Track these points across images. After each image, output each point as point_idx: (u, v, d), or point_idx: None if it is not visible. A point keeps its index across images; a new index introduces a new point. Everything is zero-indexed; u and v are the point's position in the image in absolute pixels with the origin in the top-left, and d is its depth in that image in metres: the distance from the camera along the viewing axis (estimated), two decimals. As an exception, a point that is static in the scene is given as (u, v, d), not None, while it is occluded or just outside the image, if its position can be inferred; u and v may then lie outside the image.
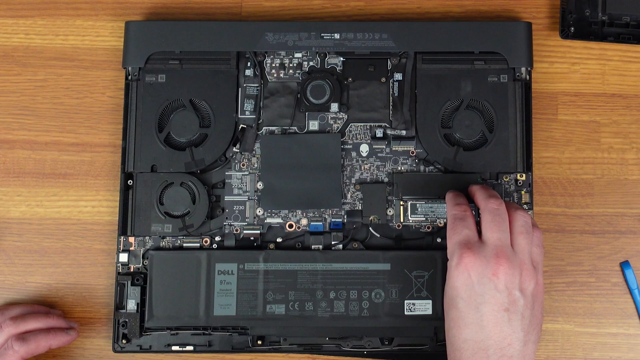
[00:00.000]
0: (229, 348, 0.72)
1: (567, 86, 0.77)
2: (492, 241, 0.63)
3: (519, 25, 0.74)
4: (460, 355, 0.62)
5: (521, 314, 0.62)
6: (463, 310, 0.62)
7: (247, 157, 0.74)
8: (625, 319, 0.74)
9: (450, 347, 0.64)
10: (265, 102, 0.75)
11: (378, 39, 0.74)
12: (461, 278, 0.62)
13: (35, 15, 0.79)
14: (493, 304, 0.62)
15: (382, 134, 0.74)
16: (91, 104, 0.77)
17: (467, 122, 0.74)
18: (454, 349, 0.63)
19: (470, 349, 0.62)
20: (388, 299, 0.70)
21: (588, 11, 0.76)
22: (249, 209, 0.73)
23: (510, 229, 0.64)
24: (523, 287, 0.62)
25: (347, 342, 0.71)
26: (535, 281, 0.63)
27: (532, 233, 0.64)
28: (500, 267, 0.62)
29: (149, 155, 0.73)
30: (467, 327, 0.62)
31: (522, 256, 0.63)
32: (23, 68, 0.78)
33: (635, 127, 0.76)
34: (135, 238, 0.72)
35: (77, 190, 0.76)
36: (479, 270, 0.62)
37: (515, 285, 0.62)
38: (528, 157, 0.73)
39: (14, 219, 0.76)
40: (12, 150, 0.77)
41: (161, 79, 0.75)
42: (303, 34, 0.75)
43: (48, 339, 0.70)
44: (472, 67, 0.74)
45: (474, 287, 0.62)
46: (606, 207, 0.75)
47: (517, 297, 0.62)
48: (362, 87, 0.75)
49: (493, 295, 0.62)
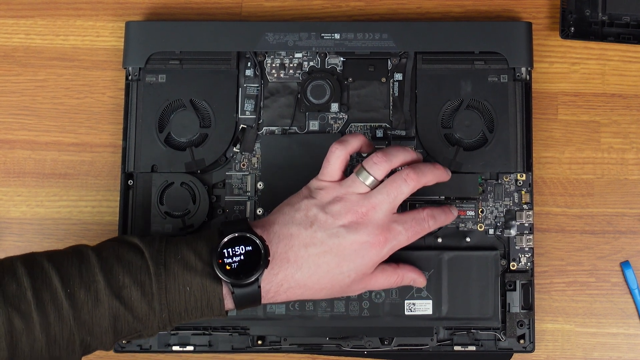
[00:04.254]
0: (229, 348, 0.72)
1: (567, 86, 0.77)
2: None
3: (519, 25, 0.74)
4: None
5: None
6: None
7: (247, 157, 0.74)
8: (625, 319, 0.74)
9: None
10: (265, 102, 0.75)
11: (378, 39, 0.74)
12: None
13: (35, 15, 0.79)
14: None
15: (382, 134, 0.74)
16: (91, 104, 0.77)
17: (467, 122, 0.74)
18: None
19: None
20: (388, 299, 0.70)
21: (588, 11, 0.76)
22: (249, 209, 0.73)
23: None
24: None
25: (347, 342, 0.71)
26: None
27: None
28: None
29: (149, 155, 0.73)
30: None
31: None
32: (23, 68, 0.78)
33: (635, 127, 0.76)
34: (136, 238, 0.72)
35: (77, 190, 0.76)
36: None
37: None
38: (528, 157, 0.73)
39: (14, 219, 0.76)
40: (12, 150, 0.77)
41: (161, 79, 0.75)
42: (303, 34, 0.75)
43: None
44: (472, 67, 0.74)
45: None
46: (606, 207, 0.75)
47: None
48: (362, 87, 0.75)
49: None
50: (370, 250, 0.63)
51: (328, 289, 0.64)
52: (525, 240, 0.72)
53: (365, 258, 0.64)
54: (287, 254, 0.63)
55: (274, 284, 0.63)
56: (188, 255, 0.62)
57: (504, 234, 0.72)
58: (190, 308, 0.61)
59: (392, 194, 0.64)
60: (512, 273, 0.72)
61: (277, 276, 0.63)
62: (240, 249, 0.62)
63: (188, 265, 0.61)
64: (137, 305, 0.60)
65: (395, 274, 0.67)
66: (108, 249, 0.62)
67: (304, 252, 0.63)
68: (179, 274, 0.61)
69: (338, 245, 0.63)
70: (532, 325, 0.71)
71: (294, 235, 0.63)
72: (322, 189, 0.65)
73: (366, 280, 0.65)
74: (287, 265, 0.63)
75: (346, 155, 0.66)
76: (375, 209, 0.64)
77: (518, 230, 0.72)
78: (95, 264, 0.61)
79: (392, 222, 0.64)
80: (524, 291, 0.71)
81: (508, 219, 0.72)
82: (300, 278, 0.63)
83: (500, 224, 0.72)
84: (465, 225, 0.72)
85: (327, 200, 0.64)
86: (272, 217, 0.65)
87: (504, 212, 0.73)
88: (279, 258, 0.63)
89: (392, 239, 0.64)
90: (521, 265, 0.72)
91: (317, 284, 0.64)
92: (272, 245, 0.63)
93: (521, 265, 0.72)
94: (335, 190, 0.65)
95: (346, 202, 0.64)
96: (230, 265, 0.61)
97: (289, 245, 0.63)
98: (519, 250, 0.72)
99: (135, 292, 0.60)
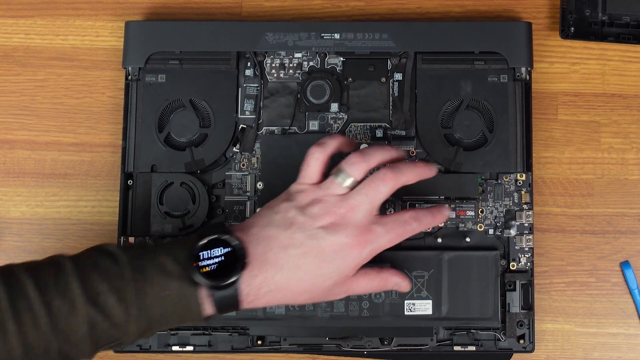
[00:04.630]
0: (229, 348, 0.72)
1: (567, 86, 0.77)
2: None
3: (519, 25, 0.74)
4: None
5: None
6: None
7: (247, 157, 0.74)
8: (625, 319, 0.74)
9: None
10: (265, 102, 0.75)
11: (378, 39, 0.74)
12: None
13: (35, 15, 0.79)
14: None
15: (382, 134, 0.74)
16: (91, 104, 0.77)
17: (467, 122, 0.74)
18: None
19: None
20: (388, 299, 0.70)
21: (588, 11, 0.76)
22: (249, 209, 0.73)
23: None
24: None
25: (347, 342, 0.71)
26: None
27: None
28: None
29: (149, 155, 0.73)
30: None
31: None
32: (23, 68, 0.78)
33: (635, 127, 0.76)
34: (135, 238, 0.72)
35: (77, 190, 0.76)
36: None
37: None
38: (528, 157, 0.73)
39: (14, 219, 0.76)
40: (12, 150, 0.77)
41: (161, 79, 0.75)
42: (303, 34, 0.75)
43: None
44: (472, 67, 0.74)
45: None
46: (606, 207, 0.75)
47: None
48: (362, 87, 0.75)
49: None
50: (350, 251, 0.62)
51: (309, 293, 0.63)
52: (525, 240, 0.72)
53: (346, 260, 0.62)
54: (266, 255, 0.61)
55: (253, 287, 0.61)
56: (165, 260, 0.61)
57: (504, 234, 0.72)
58: (168, 313, 0.60)
59: (370, 194, 0.63)
60: (512, 273, 0.72)
61: (257, 278, 0.61)
62: (219, 251, 0.61)
63: (165, 270, 0.60)
64: (114, 312, 0.59)
65: (378, 278, 0.65)
66: (85, 258, 0.61)
67: (284, 254, 0.61)
68: (155, 279, 0.60)
69: (317, 247, 0.62)
70: (532, 325, 0.71)
71: (272, 237, 0.62)
72: (301, 191, 0.64)
73: (348, 284, 0.64)
74: (267, 267, 0.61)
75: (325, 157, 0.65)
76: (354, 210, 0.62)
77: (518, 230, 0.72)
78: (71, 272, 0.60)
79: (372, 224, 0.63)
80: (523, 291, 0.71)
81: (508, 219, 0.72)
82: (280, 280, 0.61)
83: (500, 224, 0.72)
84: (465, 225, 0.72)
85: (305, 203, 0.63)
86: (251, 220, 0.64)
87: (503, 212, 0.73)
88: (257, 260, 0.61)
89: (373, 241, 0.63)
90: (521, 265, 0.72)
91: (298, 286, 0.62)
92: (251, 247, 0.61)
93: (521, 265, 0.72)
94: (314, 192, 0.64)
95: (324, 204, 0.63)
96: (208, 267, 0.60)
97: (268, 246, 0.62)
98: (518, 250, 0.72)
99: (112, 298, 0.59)
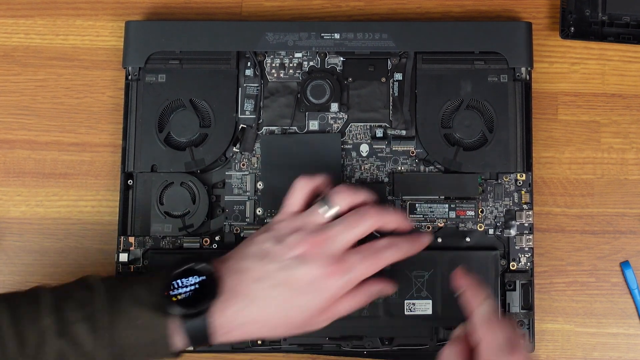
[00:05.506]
0: (229, 348, 0.72)
1: (567, 86, 0.77)
2: None
3: (519, 25, 0.74)
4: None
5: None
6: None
7: (247, 157, 0.74)
8: (625, 319, 0.74)
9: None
10: (265, 102, 0.75)
11: (378, 39, 0.74)
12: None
13: (35, 15, 0.79)
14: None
15: (382, 134, 0.74)
16: (91, 104, 0.77)
17: (467, 122, 0.74)
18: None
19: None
20: (388, 298, 0.70)
21: (588, 11, 0.76)
22: (249, 209, 0.73)
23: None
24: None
25: (347, 342, 0.71)
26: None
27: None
28: None
29: (149, 155, 0.73)
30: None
31: None
32: (23, 68, 0.78)
33: (635, 127, 0.76)
34: (135, 238, 0.72)
35: (77, 190, 0.76)
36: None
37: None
38: (528, 157, 0.73)
39: (14, 219, 0.76)
40: (12, 150, 0.77)
41: (161, 79, 0.75)
42: (303, 34, 0.75)
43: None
44: (472, 67, 0.74)
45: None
46: (606, 207, 0.75)
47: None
48: (362, 87, 0.75)
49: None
50: (324, 282, 0.61)
51: (284, 325, 0.62)
52: (525, 240, 0.72)
53: (320, 291, 0.61)
54: (238, 287, 0.61)
55: (225, 319, 0.60)
56: (140, 290, 0.61)
57: (504, 234, 0.72)
58: (139, 344, 0.60)
59: (351, 226, 0.62)
60: (512, 273, 0.72)
61: (228, 310, 0.61)
62: (192, 280, 0.60)
63: (138, 299, 0.60)
64: (85, 341, 0.59)
65: (360, 293, 0.64)
66: (64, 287, 0.62)
67: (255, 286, 0.61)
68: (128, 308, 0.59)
69: (288, 278, 0.61)
70: (532, 325, 0.71)
71: (246, 269, 0.62)
72: (282, 221, 0.64)
73: (328, 312, 0.63)
74: (237, 299, 0.61)
75: (310, 187, 0.65)
76: (331, 239, 0.62)
77: (518, 230, 0.72)
78: (47, 302, 0.60)
79: (347, 254, 0.62)
80: (523, 291, 0.71)
81: (508, 219, 0.72)
82: (252, 313, 0.61)
83: (500, 224, 0.72)
84: (465, 225, 0.72)
85: (284, 232, 0.63)
86: (230, 253, 0.64)
87: (503, 212, 0.73)
88: (229, 292, 0.61)
89: (348, 271, 0.61)
90: (521, 265, 0.72)
91: (271, 319, 0.61)
92: (225, 279, 0.61)
93: (521, 265, 0.72)
94: (295, 220, 0.63)
95: (302, 232, 0.62)
96: (179, 296, 0.60)
97: (240, 279, 0.61)
98: (518, 250, 0.72)
99: (83, 327, 0.59)
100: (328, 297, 0.62)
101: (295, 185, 0.66)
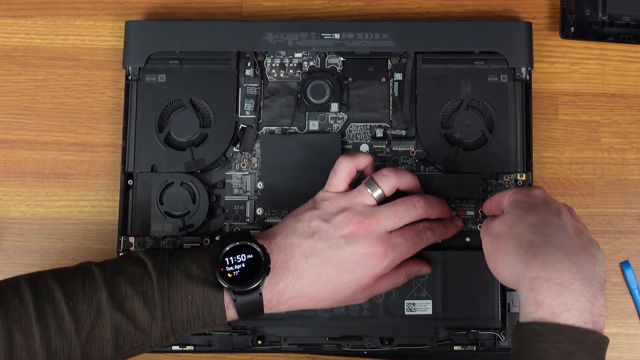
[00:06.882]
0: (229, 348, 0.72)
1: (567, 86, 0.77)
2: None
3: (519, 25, 0.74)
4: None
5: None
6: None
7: (247, 157, 0.74)
8: (625, 319, 0.74)
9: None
10: (265, 102, 0.75)
11: (378, 39, 0.74)
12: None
13: (35, 15, 0.79)
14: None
15: (382, 134, 0.74)
16: (91, 104, 0.77)
17: (467, 122, 0.74)
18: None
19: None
20: (388, 299, 0.70)
21: (588, 11, 0.76)
22: (249, 209, 0.73)
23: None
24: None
25: (347, 342, 0.71)
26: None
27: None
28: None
29: (149, 155, 0.73)
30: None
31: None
32: (23, 68, 0.78)
33: (635, 127, 0.76)
34: (135, 238, 0.72)
35: (77, 190, 0.76)
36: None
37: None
38: (528, 157, 0.73)
39: (14, 219, 0.76)
40: (12, 150, 0.77)
41: (161, 79, 0.75)
42: (303, 34, 0.75)
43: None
44: (472, 67, 0.74)
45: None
46: (606, 207, 0.75)
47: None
48: (362, 87, 0.75)
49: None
50: (370, 261, 0.64)
51: (330, 299, 0.65)
52: (525, 240, 0.72)
53: (366, 269, 0.64)
54: (288, 263, 0.63)
55: (275, 293, 0.63)
56: (190, 265, 0.63)
57: (504, 234, 0.72)
58: (192, 317, 0.62)
59: (400, 214, 0.65)
60: (512, 273, 0.71)
61: (278, 285, 0.63)
62: (242, 257, 0.63)
63: (190, 275, 0.62)
64: (139, 315, 0.61)
65: (399, 274, 0.67)
66: (112, 263, 0.64)
67: (304, 262, 0.63)
68: (181, 283, 0.62)
69: (338, 257, 0.63)
70: (532, 325, 0.71)
71: (294, 246, 0.64)
72: (327, 199, 0.66)
73: (370, 289, 0.66)
74: (288, 274, 0.63)
75: (353, 168, 0.66)
76: (378, 222, 0.64)
77: (518, 230, 0.72)
78: (98, 277, 0.62)
79: (391, 235, 0.65)
80: (524, 291, 0.71)
81: (508, 219, 0.72)
82: (301, 287, 0.63)
83: (500, 224, 0.72)
84: (465, 225, 0.72)
85: (331, 211, 0.65)
86: (276, 229, 0.66)
87: (504, 212, 0.72)
88: (279, 267, 0.63)
89: (392, 251, 0.64)
90: (521, 265, 0.72)
91: (318, 294, 0.64)
92: (274, 255, 0.64)
93: (521, 265, 0.72)
94: (341, 200, 0.65)
95: (350, 212, 0.64)
96: (232, 273, 0.62)
97: (289, 255, 0.64)
98: (519, 250, 0.72)
99: (138, 302, 0.61)
100: (372, 276, 0.64)
101: (338, 164, 0.67)
